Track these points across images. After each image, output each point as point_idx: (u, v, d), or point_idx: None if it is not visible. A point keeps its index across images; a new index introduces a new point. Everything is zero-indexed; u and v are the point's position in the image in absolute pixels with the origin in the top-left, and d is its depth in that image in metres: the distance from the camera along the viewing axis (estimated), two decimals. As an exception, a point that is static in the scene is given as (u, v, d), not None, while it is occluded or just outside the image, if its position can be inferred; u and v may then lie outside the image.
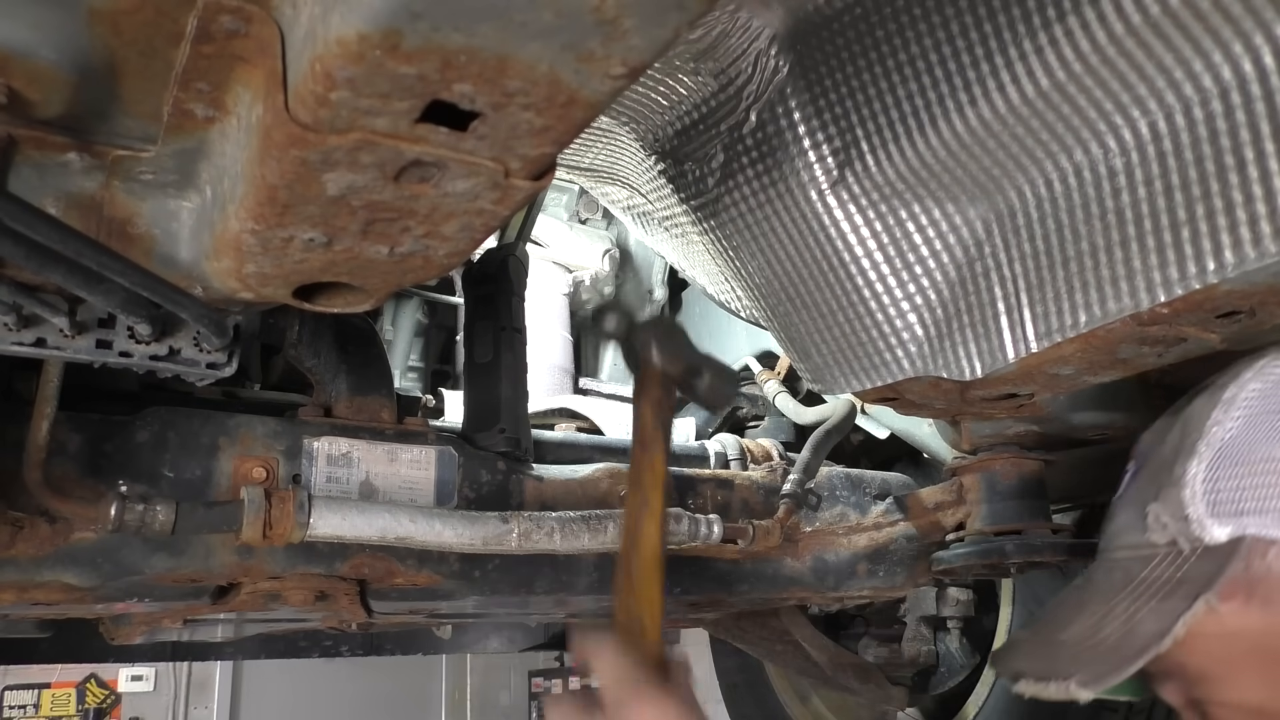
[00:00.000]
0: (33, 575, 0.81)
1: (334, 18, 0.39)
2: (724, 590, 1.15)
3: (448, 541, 0.85)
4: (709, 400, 0.81)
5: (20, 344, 0.69)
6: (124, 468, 0.85)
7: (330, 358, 0.99)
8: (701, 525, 0.95)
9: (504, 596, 1.02)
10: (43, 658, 1.62)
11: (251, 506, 0.77)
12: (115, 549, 0.83)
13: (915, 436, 1.41)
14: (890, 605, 1.86)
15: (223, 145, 0.56)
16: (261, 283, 0.61)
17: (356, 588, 0.97)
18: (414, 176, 0.49)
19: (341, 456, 0.94)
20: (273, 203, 0.51)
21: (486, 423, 1.05)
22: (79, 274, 0.54)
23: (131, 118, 0.55)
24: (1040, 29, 0.67)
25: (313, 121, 0.44)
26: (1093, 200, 0.72)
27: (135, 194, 0.61)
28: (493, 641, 2.31)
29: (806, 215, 0.86)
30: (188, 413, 0.89)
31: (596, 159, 1.12)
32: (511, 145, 0.48)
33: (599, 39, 0.40)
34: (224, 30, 0.47)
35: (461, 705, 5.19)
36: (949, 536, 1.27)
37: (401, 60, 0.40)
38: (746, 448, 1.33)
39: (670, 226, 1.14)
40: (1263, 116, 0.60)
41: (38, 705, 4.49)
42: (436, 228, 0.56)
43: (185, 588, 0.90)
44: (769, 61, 0.84)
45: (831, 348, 0.94)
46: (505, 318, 1.10)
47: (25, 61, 0.49)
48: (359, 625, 1.23)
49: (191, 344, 0.75)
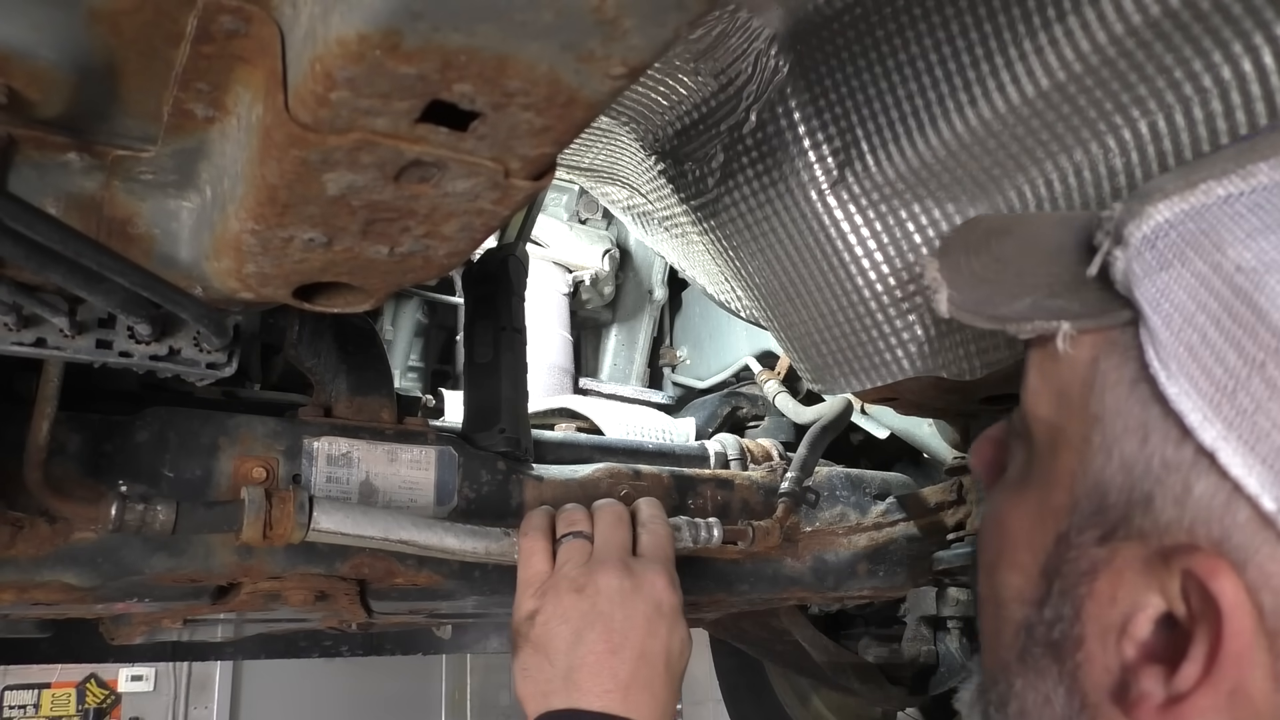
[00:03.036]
0: (33, 575, 0.81)
1: (334, 18, 0.39)
2: (724, 590, 1.15)
3: (449, 548, 0.85)
4: None
5: (20, 344, 0.69)
6: (124, 468, 0.85)
7: (330, 358, 0.99)
8: (701, 530, 0.95)
9: (504, 596, 1.02)
10: (43, 658, 1.61)
11: (252, 506, 0.77)
12: (115, 549, 0.83)
13: (915, 436, 1.41)
14: (890, 605, 1.87)
15: (223, 145, 0.56)
16: (261, 283, 0.61)
17: (356, 588, 0.97)
18: (414, 176, 0.49)
19: (341, 456, 0.94)
20: (273, 203, 0.51)
21: (486, 423, 1.05)
22: (79, 274, 0.54)
23: (131, 118, 0.55)
24: (1040, 29, 0.67)
25: (313, 121, 0.44)
26: (1092, 200, 0.72)
27: (135, 194, 0.61)
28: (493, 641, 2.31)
29: (806, 215, 0.86)
30: (188, 413, 0.89)
31: (596, 159, 1.12)
32: (511, 145, 0.48)
33: (599, 39, 0.40)
34: (224, 30, 0.47)
35: (461, 705, 5.20)
36: (949, 536, 1.27)
37: (401, 60, 0.40)
38: (746, 448, 1.33)
39: (670, 226, 1.14)
40: (1263, 117, 0.60)
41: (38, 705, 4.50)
42: (436, 228, 0.56)
43: (185, 588, 0.90)
44: (769, 61, 0.84)
45: (831, 348, 0.94)
46: (505, 318, 1.10)
47: (25, 61, 0.49)
48: (359, 625, 1.23)
49: (191, 344, 0.75)
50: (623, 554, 0.80)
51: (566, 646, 0.74)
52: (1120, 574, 0.45)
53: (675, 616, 0.78)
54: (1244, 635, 0.41)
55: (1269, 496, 0.39)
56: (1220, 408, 0.41)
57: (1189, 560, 0.42)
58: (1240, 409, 0.40)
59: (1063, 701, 0.49)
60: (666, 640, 0.76)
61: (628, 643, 0.73)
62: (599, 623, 0.74)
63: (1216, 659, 0.42)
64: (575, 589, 0.76)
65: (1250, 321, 0.41)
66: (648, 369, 1.93)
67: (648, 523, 0.84)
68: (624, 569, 0.77)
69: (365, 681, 4.93)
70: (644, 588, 0.76)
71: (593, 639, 0.73)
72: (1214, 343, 0.42)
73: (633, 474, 1.11)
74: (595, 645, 0.73)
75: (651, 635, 0.75)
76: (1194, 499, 0.42)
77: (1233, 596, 0.41)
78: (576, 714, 0.71)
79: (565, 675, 0.73)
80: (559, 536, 0.83)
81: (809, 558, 1.21)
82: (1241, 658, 0.41)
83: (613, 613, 0.74)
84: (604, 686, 0.71)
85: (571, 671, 0.73)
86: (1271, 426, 0.39)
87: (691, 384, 1.82)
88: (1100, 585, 0.47)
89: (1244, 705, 0.42)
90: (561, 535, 0.83)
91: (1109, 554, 0.46)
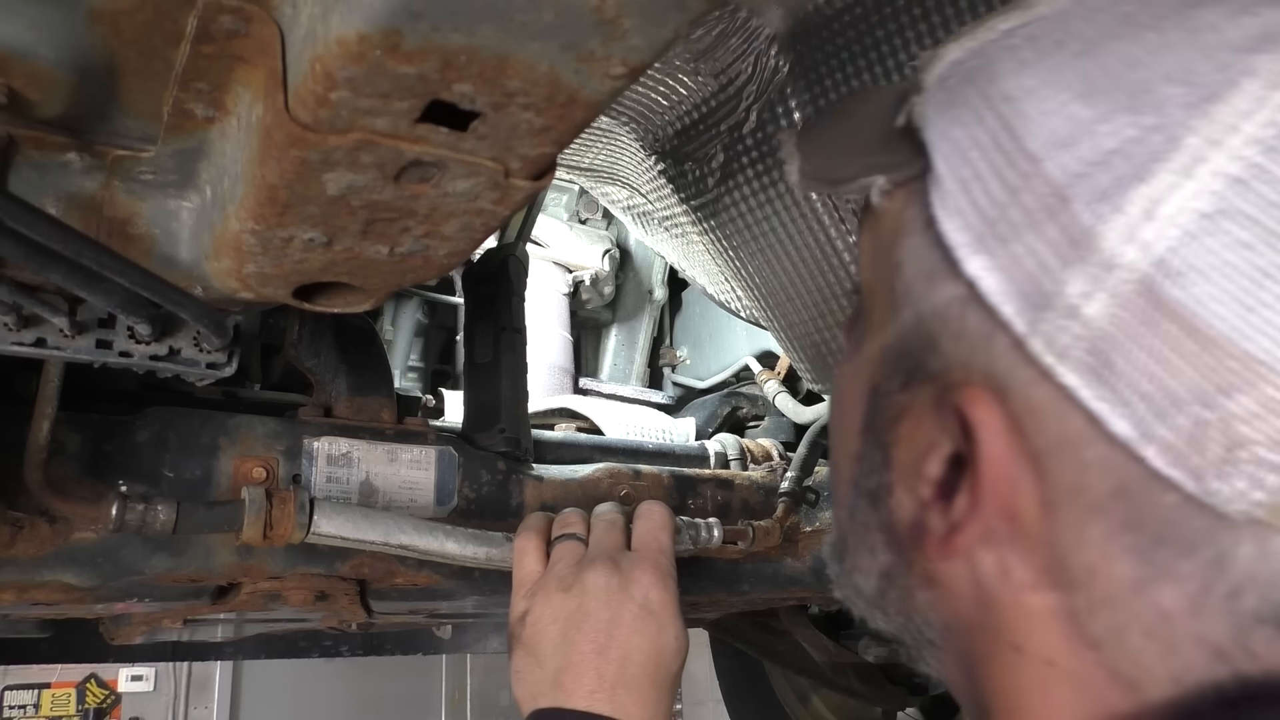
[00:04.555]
0: (33, 575, 0.81)
1: (334, 18, 0.39)
2: (724, 590, 1.15)
3: (449, 553, 0.85)
4: None
5: (20, 344, 0.69)
6: (124, 468, 0.85)
7: (330, 358, 0.99)
8: (701, 530, 0.95)
9: (504, 596, 1.02)
10: (43, 658, 1.61)
11: (252, 506, 0.77)
12: (115, 549, 0.83)
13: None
14: (890, 605, 1.86)
15: (223, 145, 0.56)
16: (261, 283, 0.61)
17: (356, 588, 0.97)
18: (414, 176, 0.49)
19: (341, 456, 0.94)
20: (273, 203, 0.51)
21: (486, 423, 1.05)
22: (79, 274, 0.54)
23: (131, 118, 0.55)
24: (1040, 29, 0.66)
25: (313, 121, 0.44)
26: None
27: (135, 194, 0.61)
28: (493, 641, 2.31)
29: (806, 215, 0.86)
30: (187, 413, 0.89)
31: (596, 159, 1.12)
32: (511, 145, 0.48)
33: (599, 39, 0.40)
34: (224, 30, 0.47)
35: (461, 705, 5.19)
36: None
37: (401, 60, 0.40)
38: (746, 448, 1.33)
39: (670, 226, 1.14)
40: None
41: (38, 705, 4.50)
42: (436, 228, 0.56)
43: (185, 588, 0.90)
44: (769, 61, 0.84)
45: (832, 347, 0.94)
46: (505, 318, 1.10)
47: (25, 61, 0.49)
48: (359, 625, 1.23)
49: (191, 344, 0.75)
50: (613, 553, 0.78)
51: (553, 647, 0.73)
52: (919, 417, 0.45)
53: (666, 614, 0.75)
54: (1000, 461, 0.41)
55: (1022, 321, 0.39)
56: (984, 239, 0.41)
57: (958, 394, 0.43)
58: (1000, 237, 0.40)
59: (882, 549, 0.50)
60: (656, 639, 0.73)
61: (614, 642, 0.72)
62: (586, 622, 0.73)
63: (979, 488, 0.42)
64: (563, 588, 0.75)
65: (1011, 150, 0.41)
66: (648, 369, 1.93)
67: (642, 519, 0.83)
68: (612, 567, 0.76)
69: (365, 681, 4.93)
70: (631, 586, 0.75)
71: (579, 639, 0.72)
72: (981, 174, 0.42)
73: (633, 474, 1.11)
74: (582, 645, 0.72)
75: (639, 634, 0.73)
76: (967, 334, 0.42)
77: (988, 424, 0.41)
78: (562, 714, 0.70)
79: (553, 676, 0.72)
80: (553, 538, 0.83)
81: (809, 558, 1.21)
82: (1001, 484, 0.41)
83: (600, 612, 0.73)
84: (589, 687, 0.70)
85: (559, 672, 0.72)
86: (1024, 252, 0.39)
87: (691, 384, 1.82)
88: (903, 431, 0.47)
89: (1016, 532, 0.42)
90: (555, 537, 0.83)
91: (909, 399, 0.46)
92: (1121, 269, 0.36)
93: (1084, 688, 0.42)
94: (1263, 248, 0.35)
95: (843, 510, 0.53)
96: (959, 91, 0.44)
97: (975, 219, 0.42)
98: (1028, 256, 0.39)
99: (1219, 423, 0.35)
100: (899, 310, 0.47)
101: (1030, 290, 0.39)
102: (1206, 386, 0.35)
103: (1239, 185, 0.35)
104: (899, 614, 0.51)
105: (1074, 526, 0.41)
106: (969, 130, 0.43)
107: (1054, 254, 0.38)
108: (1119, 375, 0.37)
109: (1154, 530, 0.39)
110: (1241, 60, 0.36)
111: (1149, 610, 0.39)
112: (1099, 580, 0.41)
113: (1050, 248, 0.38)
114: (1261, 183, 0.35)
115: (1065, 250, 0.38)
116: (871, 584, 0.51)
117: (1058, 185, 0.38)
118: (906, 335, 0.46)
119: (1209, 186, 0.35)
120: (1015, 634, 0.43)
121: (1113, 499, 0.39)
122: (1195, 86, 0.36)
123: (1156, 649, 0.40)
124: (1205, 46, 0.37)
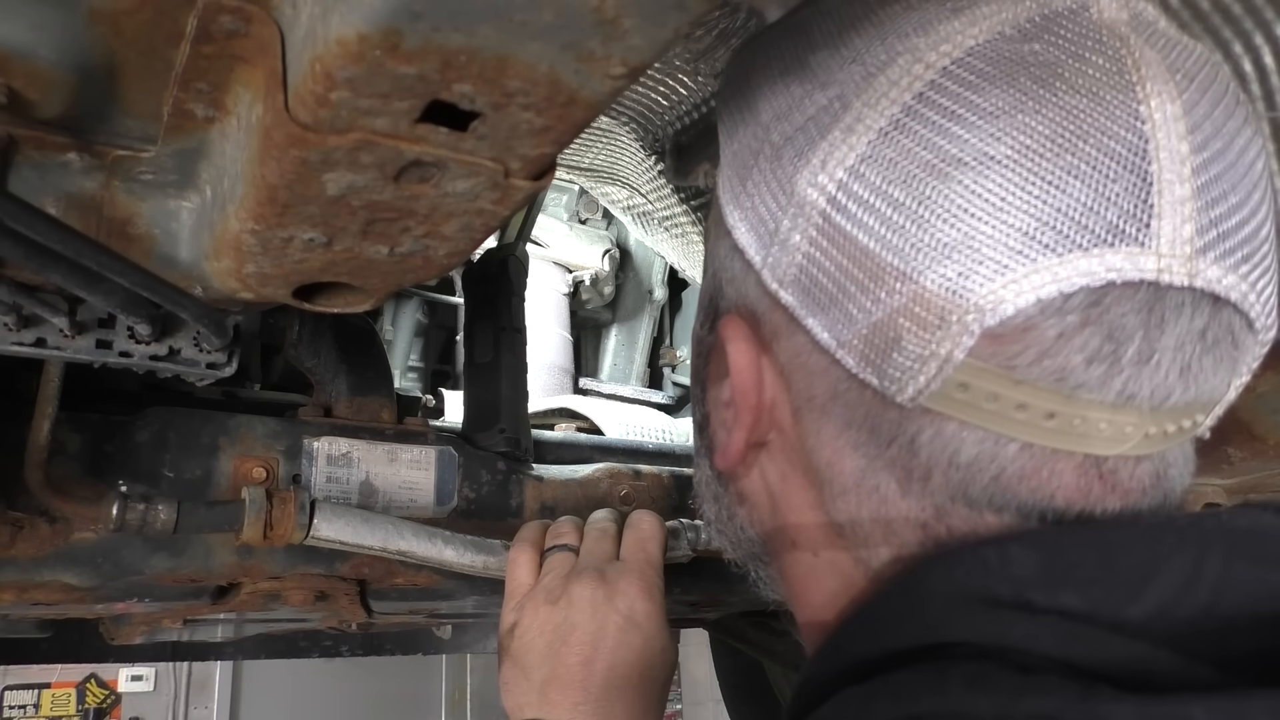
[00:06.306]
0: (33, 575, 0.81)
1: (334, 18, 0.39)
2: (724, 590, 1.15)
3: (447, 560, 0.85)
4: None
5: (20, 344, 0.69)
6: (124, 468, 0.85)
7: (330, 358, 0.99)
8: (701, 532, 0.95)
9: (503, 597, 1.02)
10: (43, 658, 1.61)
11: (252, 506, 0.77)
12: (115, 549, 0.83)
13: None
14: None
15: (223, 145, 0.56)
16: (261, 283, 0.61)
17: (356, 588, 0.97)
18: (414, 176, 0.49)
19: (341, 456, 0.94)
20: (273, 203, 0.51)
21: (486, 423, 1.05)
22: (79, 274, 0.54)
23: (131, 118, 0.55)
24: (1040, 29, 0.66)
25: (313, 121, 0.44)
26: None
27: (135, 194, 0.61)
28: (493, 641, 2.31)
29: (806, 215, 0.86)
30: (187, 413, 0.89)
31: (596, 159, 1.12)
32: (511, 145, 0.48)
33: (599, 39, 0.40)
34: (224, 30, 0.47)
35: (461, 705, 5.19)
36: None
37: (401, 60, 0.40)
38: (746, 448, 1.33)
39: (670, 226, 1.14)
40: (1262, 116, 0.60)
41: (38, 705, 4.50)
42: (436, 228, 0.56)
43: (185, 588, 0.90)
44: (769, 61, 0.84)
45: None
46: (505, 318, 1.10)
47: (25, 61, 0.49)
48: (359, 625, 1.23)
49: (191, 344, 0.75)
50: (601, 564, 0.77)
51: (540, 659, 0.72)
52: (721, 353, 0.52)
53: (652, 625, 0.74)
54: (745, 373, 0.49)
55: (759, 258, 0.47)
56: (738, 196, 0.49)
57: (720, 323, 0.51)
58: (747, 193, 0.48)
59: (708, 476, 0.58)
60: (641, 651, 0.72)
61: (600, 654, 0.71)
62: (572, 634, 0.72)
63: (735, 396, 0.50)
64: (550, 600, 0.74)
65: (751, 122, 0.49)
66: (648, 369, 1.93)
67: (630, 529, 0.82)
68: (598, 579, 0.74)
69: (365, 681, 4.93)
70: (617, 598, 0.73)
71: (565, 651, 0.71)
72: (739, 137, 0.50)
73: (633, 474, 1.11)
74: (568, 657, 0.71)
75: (624, 646, 0.71)
76: (735, 276, 0.50)
77: (733, 339, 0.49)
78: None
79: (540, 688, 0.71)
80: (546, 549, 0.82)
81: (809, 558, 1.21)
82: (750, 393, 0.49)
83: (585, 624, 0.72)
84: (575, 699, 0.69)
85: (545, 684, 0.71)
86: (759, 202, 0.47)
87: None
88: (711, 367, 0.55)
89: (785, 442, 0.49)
90: (548, 548, 0.81)
91: (713, 339, 0.53)
92: (808, 206, 0.44)
93: (838, 572, 0.48)
94: (900, 183, 0.42)
95: (695, 450, 0.61)
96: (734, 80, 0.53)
97: (734, 179, 0.50)
98: (761, 205, 0.47)
99: (883, 325, 0.42)
100: (707, 267, 0.56)
101: (762, 232, 0.47)
102: (872, 295, 0.42)
103: (884, 136, 0.42)
104: (731, 534, 0.58)
105: (814, 430, 0.48)
106: (733, 110, 0.52)
107: (774, 201, 0.46)
108: (820, 292, 0.44)
109: (865, 425, 0.45)
110: (902, 42, 0.44)
111: (872, 497, 0.46)
112: (836, 474, 0.47)
113: (773, 197, 0.46)
114: (901, 134, 0.42)
115: (781, 197, 0.46)
116: (711, 510, 0.59)
117: (777, 146, 0.47)
118: (708, 286, 0.55)
119: (864, 139, 0.43)
120: (794, 532, 0.51)
121: (832, 401, 0.46)
122: (865, 65, 0.44)
123: (881, 531, 0.46)
124: (881, 35, 0.45)
